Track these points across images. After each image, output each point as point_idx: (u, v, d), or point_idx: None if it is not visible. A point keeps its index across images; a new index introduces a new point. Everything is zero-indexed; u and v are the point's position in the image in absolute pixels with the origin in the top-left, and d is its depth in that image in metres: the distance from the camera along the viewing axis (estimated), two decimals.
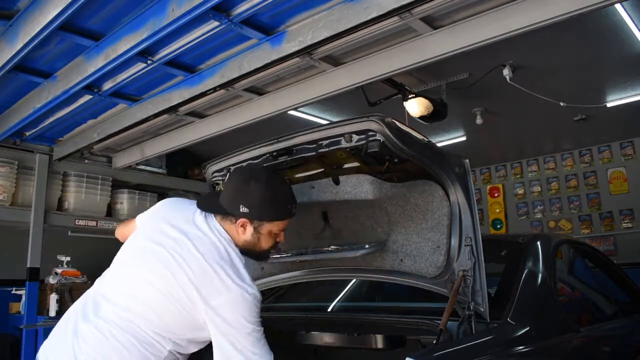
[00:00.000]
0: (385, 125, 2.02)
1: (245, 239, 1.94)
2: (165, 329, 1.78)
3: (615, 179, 7.17)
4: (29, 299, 4.76)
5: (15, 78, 3.55)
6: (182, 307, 1.77)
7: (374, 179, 2.19)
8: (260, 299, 1.83)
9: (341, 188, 2.23)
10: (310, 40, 2.96)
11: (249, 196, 1.90)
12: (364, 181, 2.19)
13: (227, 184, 2.07)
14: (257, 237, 1.95)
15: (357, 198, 2.22)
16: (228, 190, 1.98)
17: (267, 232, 1.96)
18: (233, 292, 1.77)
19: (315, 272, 2.69)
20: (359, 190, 2.19)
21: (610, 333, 2.76)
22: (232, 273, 1.81)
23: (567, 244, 3.07)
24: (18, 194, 4.95)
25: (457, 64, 4.25)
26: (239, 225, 1.92)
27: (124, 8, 2.86)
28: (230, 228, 1.93)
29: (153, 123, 4.29)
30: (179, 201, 2.11)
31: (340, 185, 2.24)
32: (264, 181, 1.93)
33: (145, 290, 1.80)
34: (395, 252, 2.39)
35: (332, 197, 2.27)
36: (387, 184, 2.22)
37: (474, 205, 2.19)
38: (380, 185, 2.19)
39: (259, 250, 2.00)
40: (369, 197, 2.19)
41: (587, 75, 4.76)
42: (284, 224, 2.00)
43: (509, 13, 2.76)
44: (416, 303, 2.69)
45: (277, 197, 1.96)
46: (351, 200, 2.27)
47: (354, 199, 2.23)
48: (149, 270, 1.83)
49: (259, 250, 2.01)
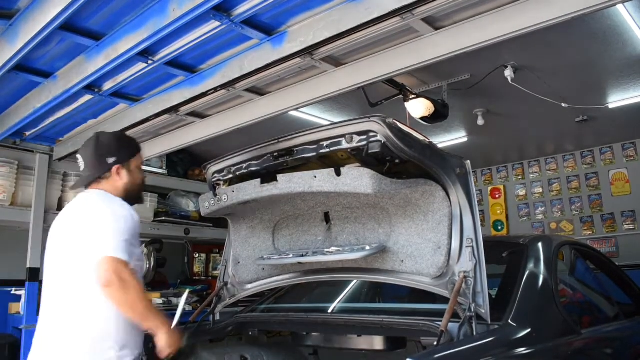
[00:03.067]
0: (387, 126, 2.02)
1: (125, 182, 2.25)
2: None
3: (617, 181, 7.16)
4: (28, 299, 4.75)
5: (15, 78, 3.54)
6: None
7: (374, 174, 2.17)
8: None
9: (341, 180, 2.21)
10: (311, 41, 2.95)
11: (107, 148, 2.24)
12: (364, 174, 2.17)
13: (84, 156, 2.28)
14: (131, 174, 2.28)
15: (357, 191, 2.19)
16: (88, 159, 2.25)
17: (135, 167, 2.30)
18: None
19: (316, 273, 2.68)
20: (359, 184, 2.16)
21: (612, 335, 2.75)
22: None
23: (569, 246, 3.07)
24: (18, 194, 4.93)
25: (459, 64, 4.23)
26: (115, 173, 2.23)
27: (124, 8, 2.85)
28: (106, 185, 2.23)
29: (153, 123, 4.28)
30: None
31: (341, 177, 2.21)
32: (106, 134, 2.35)
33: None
34: (396, 253, 2.38)
35: (332, 188, 2.25)
36: (387, 180, 2.20)
37: (475, 206, 2.19)
38: (380, 180, 2.17)
39: (138, 184, 2.33)
40: (368, 191, 2.16)
41: (589, 76, 4.75)
42: (142, 157, 2.39)
43: (510, 14, 2.75)
44: (417, 304, 2.69)
45: (124, 138, 2.41)
46: (351, 193, 2.26)
47: (354, 191, 2.21)
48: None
49: (138, 185, 2.33)
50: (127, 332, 2.05)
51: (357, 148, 2.13)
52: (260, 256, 2.78)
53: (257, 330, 2.96)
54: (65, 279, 2.10)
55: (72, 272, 2.09)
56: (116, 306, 1.98)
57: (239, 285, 2.90)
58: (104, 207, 2.11)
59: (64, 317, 2.06)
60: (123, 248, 2.01)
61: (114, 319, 2.02)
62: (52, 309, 2.11)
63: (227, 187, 2.55)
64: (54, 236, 2.23)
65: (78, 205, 2.24)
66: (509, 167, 8.16)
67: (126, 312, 2.00)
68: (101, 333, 2.00)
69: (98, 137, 2.29)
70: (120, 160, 2.23)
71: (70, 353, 1.98)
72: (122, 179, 2.24)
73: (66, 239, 2.15)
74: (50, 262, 2.18)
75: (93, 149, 2.25)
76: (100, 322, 2.01)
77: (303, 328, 2.81)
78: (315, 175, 2.27)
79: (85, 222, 2.10)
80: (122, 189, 2.24)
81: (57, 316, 2.08)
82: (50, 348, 2.03)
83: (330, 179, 2.24)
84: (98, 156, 2.22)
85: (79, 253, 2.07)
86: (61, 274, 2.12)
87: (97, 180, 2.24)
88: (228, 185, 2.61)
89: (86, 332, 2.00)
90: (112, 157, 2.22)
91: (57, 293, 2.11)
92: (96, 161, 2.22)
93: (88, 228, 2.07)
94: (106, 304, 2.00)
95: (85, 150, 2.29)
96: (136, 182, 2.31)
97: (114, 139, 2.32)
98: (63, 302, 2.08)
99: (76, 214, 2.20)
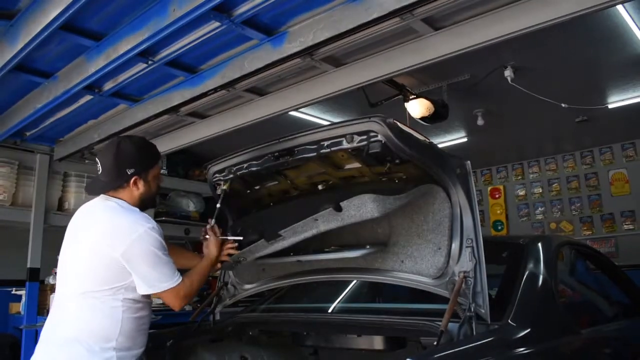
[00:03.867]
0: (387, 126, 2.02)
1: (141, 192, 2.22)
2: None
3: (616, 181, 7.16)
4: (29, 299, 4.76)
5: (16, 78, 3.55)
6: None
7: (376, 197, 2.15)
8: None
9: (345, 213, 2.20)
10: (311, 41, 2.95)
11: (128, 158, 2.19)
12: (367, 201, 2.15)
13: (103, 162, 2.22)
14: (148, 185, 2.24)
15: (364, 219, 2.19)
16: (106, 166, 2.20)
17: (152, 177, 2.27)
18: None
19: (315, 273, 2.68)
20: (363, 211, 2.16)
21: (611, 335, 2.75)
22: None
23: (568, 246, 3.07)
24: (18, 194, 4.94)
25: (459, 65, 4.24)
26: (132, 184, 2.19)
27: (125, 8, 2.86)
28: (123, 194, 2.20)
29: (154, 123, 4.28)
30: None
31: (344, 211, 2.20)
32: (127, 141, 2.26)
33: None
34: (396, 253, 2.38)
35: (339, 224, 2.24)
36: (390, 198, 2.19)
37: (475, 206, 2.19)
38: (384, 201, 2.16)
39: (154, 193, 2.31)
40: (375, 215, 2.16)
41: (589, 76, 4.76)
42: (160, 165, 2.37)
43: (510, 14, 2.75)
44: (417, 304, 2.69)
45: (144, 147, 2.30)
46: (359, 221, 2.24)
47: (361, 220, 2.20)
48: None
49: (154, 194, 2.32)
50: (128, 332, 2.06)
51: (358, 148, 2.12)
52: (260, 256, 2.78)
53: (257, 330, 2.97)
54: (72, 279, 2.14)
55: (79, 272, 2.11)
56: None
57: (239, 286, 2.90)
58: (135, 225, 2.09)
59: (65, 316, 2.09)
60: (168, 271, 2.09)
61: (115, 319, 2.03)
62: (58, 307, 2.15)
63: (241, 252, 2.53)
64: (69, 237, 2.23)
65: (100, 212, 2.21)
66: (508, 167, 8.17)
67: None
68: (101, 332, 2.02)
69: (119, 145, 2.22)
70: (138, 172, 2.19)
71: (70, 352, 1.99)
72: (139, 189, 2.21)
73: (81, 242, 2.16)
74: (62, 262, 2.21)
75: (113, 157, 2.19)
76: (101, 322, 2.03)
77: (303, 328, 2.81)
78: (316, 218, 2.26)
79: (108, 233, 2.10)
80: (138, 198, 2.23)
81: (60, 314, 2.12)
82: (51, 346, 2.06)
83: (333, 217, 2.23)
84: (117, 165, 2.18)
85: (90, 257, 2.09)
86: (69, 274, 2.15)
87: (115, 188, 2.21)
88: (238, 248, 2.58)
89: (86, 330, 2.02)
90: (132, 168, 2.17)
91: (64, 292, 2.15)
92: (114, 171, 2.18)
93: (110, 238, 2.08)
94: (107, 304, 2.03)
95: (105, 156, 2.24)
96: (152, 192, 2.29)
97: (134, 149, 2.23)
98: (67, 301, 2.11)
99: (97, 220, 2.17)
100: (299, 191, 2.61)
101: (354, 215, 2.19)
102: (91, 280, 2.06)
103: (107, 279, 2.05)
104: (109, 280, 2.05)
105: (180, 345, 2.65)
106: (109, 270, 2.04)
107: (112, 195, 2.21)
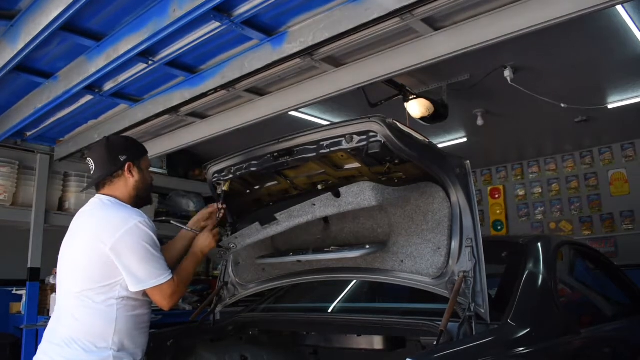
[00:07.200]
0: (386, 126, 2.02)
1: (136, 180, 2.27)
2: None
3: (616, 181, 7.16)
4: (29, 299, 4.76)
5: (16, 78, 3.55)
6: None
7: (375, 185, 2.17)
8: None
9: (343, 200, 2.21)
10: (311, 41, 2.96)
11: (119, 147, 2.27)
12: (365, 188, 2.16)
13: (94, 157, 2.28)
14: (142, 174, 2.30)
15: (361, 207, 2.20)
16: (99, 160, 2.26)
17: (145, 167, 2.34)
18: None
19: (315, 273, 2.69)
20: (361, 199, 2.17)
21: (611, 334, 2.76)
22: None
23: (568, 246, 3.08)
24: (19, 194, 4.94)
25: (458, 65, 4.24)
26: (127, 171, 2.25)
27: (125, 9, 2.86)
28: (118, 186, 2.24)
29: (154, 123, 4.29)
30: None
31: (342, 197, 2.21)
32: (114, 136, 2.46)
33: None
34: (395, 253, 2.39)
35: (336, 210, 2.25)
36: (389, 188, 2.20)
37: (475, 206, 2.19)
38: (382, 190, 2.17)
39: (148, 184, 2.35)
40: (372, 204, 2.17)
41: (588, 76, 4.76)
42: (149, 160, 2.42)
43: (510, 14, 2.76)
44: (416, 304, 2.70)
45: (132, 139, 2.46)
46: (356, 210, 2.26)
47: (358, 208, 2.21)
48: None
49: (148, 185, 2.35)
50: (125, 331, 2.06)
51: (357, 148, 2.13)
52: (260, 255, 2.79)
53: (258, 330, 2.97)
54: (69, 278, 2.15)
55: (74, 271, 2.13)
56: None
57: (239, 285, 2.91)
58: (125, 218, 2.10)
59: (63, 315, 2.10)
60: (156, 269, 2.08)
61: (109, 318, 2.04)
62: (58, 306, 2.17)
63: (230, 237, 2.55)
64: (68, 237, 2.26)
65: (94, 209, 2.24)
66: (508, 167, 8.17)
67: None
68: (97, 331, 2.02)
69: (108, 139, 2.32)
70: (131, 159, 2.26)
71: (68, 351, 2.01)
72: (134, 176, 2.26)
73: (76, 241, 2.19)
74: (61, 262, 2.23)
75: (105, 148, 2.27)
76: (95, 320, 2.04)
77: (303, 328, 2.81)
78: (314, 203, 2.28)
79: (98, 227, 2.12)
80: (134, 187, 2.26)
81: (60, 314, 2.13)
82: (51, 346, 2.07)
83: (330, 203, 2.24)
84: (110, 154, 2.24)
85: (83, 254, 2.11)
86: (67, 274, 2.17)
87: (109, 180, 2.25)
88: (231, 232, 2.59)
89: (82, 330, 2.03)
90: (124, 155, 2.24)
91: (62, 292, 2.16)
92: (108, 160, 2.24)
93: (100, 232, 2.09)
94: (101, 302, 2.04)
95: (96, 151, 2.31)
96: (147, 182, 2.34)
97: (123, 140, 2.41)
98: (65, 300, 2.13)
99: (91, 217, 2.21)
100: (299, 191, 2.62)
101: (352, 202, 2.19)
102: (85, 279, 2.07)
103: (100, 276, 2.05)
104: (102, 277, 2.05)
105: (180, 345, 2.65)
106: (102, 266, 2.05)
107: (107, 192, 2.24)
